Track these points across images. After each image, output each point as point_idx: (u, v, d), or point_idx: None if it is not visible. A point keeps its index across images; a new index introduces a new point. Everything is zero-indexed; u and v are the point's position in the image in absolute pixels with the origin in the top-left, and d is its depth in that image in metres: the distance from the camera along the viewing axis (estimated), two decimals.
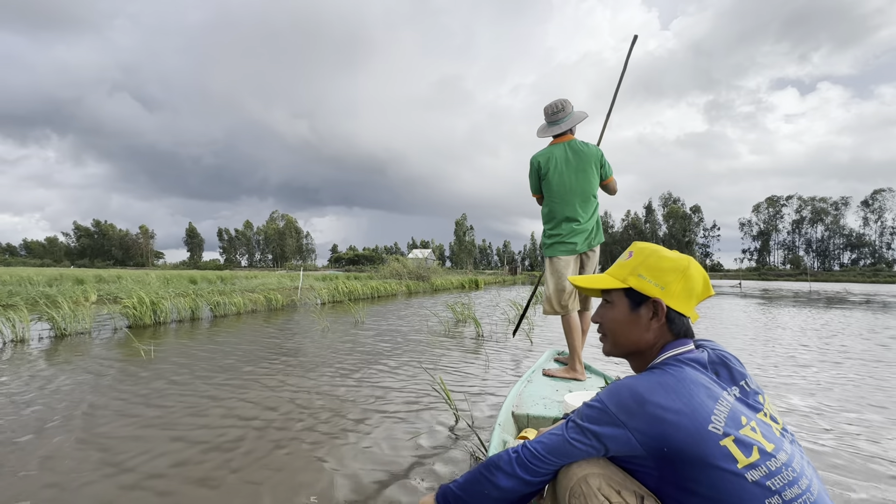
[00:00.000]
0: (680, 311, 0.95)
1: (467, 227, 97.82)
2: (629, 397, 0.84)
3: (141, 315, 5.77)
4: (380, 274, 24.74)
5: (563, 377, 2.53)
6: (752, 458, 0.77)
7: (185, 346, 4.55)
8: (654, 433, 0.80)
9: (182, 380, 3.19)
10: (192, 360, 3.89)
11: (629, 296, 0.99)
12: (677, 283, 0.94)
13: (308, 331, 5.67)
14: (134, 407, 2.59)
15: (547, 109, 2.71)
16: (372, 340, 4.95)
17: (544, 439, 0.91)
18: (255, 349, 4.40)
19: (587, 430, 0.86)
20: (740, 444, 0.78)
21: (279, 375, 3.37)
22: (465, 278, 23.38)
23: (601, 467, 0.87)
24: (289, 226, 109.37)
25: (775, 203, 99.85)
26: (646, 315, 0.96)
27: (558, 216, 2.70)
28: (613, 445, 0.85)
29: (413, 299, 12.28)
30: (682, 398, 0.81)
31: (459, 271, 45.17)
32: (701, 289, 0.95)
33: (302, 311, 8.14)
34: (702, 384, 0.84)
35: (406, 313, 8.20)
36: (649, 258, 0.97)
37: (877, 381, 3.42)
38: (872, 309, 10.79)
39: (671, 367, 0.88)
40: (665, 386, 0.84)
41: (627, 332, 0.99)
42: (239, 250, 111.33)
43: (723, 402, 0.82)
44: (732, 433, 0.79)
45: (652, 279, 0.95)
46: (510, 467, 0.90)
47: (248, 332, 5.58)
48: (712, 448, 0.77)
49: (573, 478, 0.87)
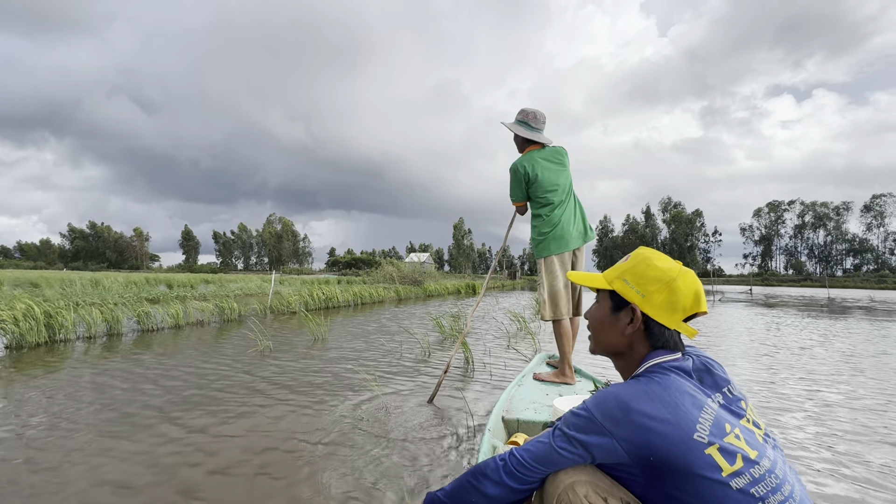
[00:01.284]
0: (661, 321, 0.93)
1: (465, 231, 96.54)
2: (615, 406, 0.84)
3: (23, 333, 4.40)
4: (372, 278, 23.65)
5: (553, 381, 2.54)
6: (735, 465, 0.77)
7: (69, 378, 3.21)
8: (640, 442, 0.80)
9: (36, 435, 1.97)
10: (64, 401, 2.62)
11: (612, 298, 1.00)
12: (659, 293, 0.92)
13: (240, 354, 4.32)
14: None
15: (538, 115, 2.75)
16: (311, 374, 3.60)
17: (531, 447, 0.91)
18: (148, 388, 3.03)
19: (573, 438, 0.86)
20: (724, 453, 0.78)
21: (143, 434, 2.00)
22: (461, 283, 22.01)
23: (588, 475, 0.87)
24: (285, 229, 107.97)
25: (777, 208, 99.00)
26: (624, 319, 0.97)
27: (547, 217, 2.71)
28: (600, 454, 0.85)
29: (402, 307, 10.93)
30: (668, 407, 0.81)
31: (458, 276, 43.90)
32: (690, 303, 0.92)
33: (259, 322, 6.79)
34: (687, 392, 0.84)
35: (386, 326, 6.85)
36: (639, 265, 0.96)
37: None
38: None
39: (657, 376, 0.88)
40: (651, 395, 0.83)
41: (605, 333, 1.01)
42: (234, 253, 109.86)
43: (707, 410, 0.83)
44: (717, 441, 0.79)
45: (635, 285, 0.95)
46: (497, 475, 0.90)
47: (168, 355, 4.21)
48: (697, 457, 0.78)
49: (560, 485, 0.87)
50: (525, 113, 2.76)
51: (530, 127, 2.75)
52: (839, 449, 2.18)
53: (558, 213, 2.70)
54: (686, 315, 0.93)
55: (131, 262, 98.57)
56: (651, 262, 0.95)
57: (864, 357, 4.76)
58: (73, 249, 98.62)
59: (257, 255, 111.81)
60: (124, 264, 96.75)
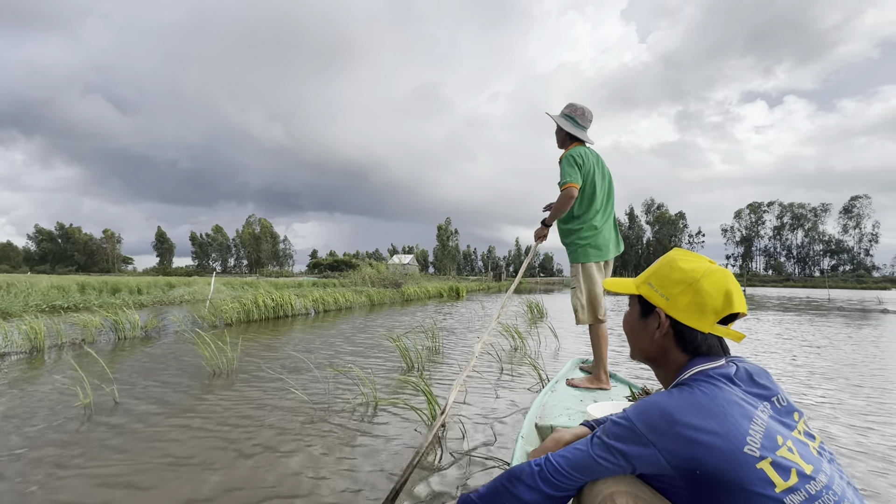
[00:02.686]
0: (691, 325, 0.89)
1: (451, 232, 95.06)
2: (659, 417, 0.80)
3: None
4: (350, 280, 22.17)
5: (587, 387, 2.47)
6: (790, 481, 0.73)
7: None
8: (686, 455, 0.77)
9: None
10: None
11: (640, 303, 0.98)
12: (683, 295, 0.89)
13: (56, 415, 2.69)
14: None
15: (586, 113, 2.70)
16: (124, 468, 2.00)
17: (568, 454, 0.88)
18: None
19: (613, 448, 0.83)
20: (777, 467, 0.73)
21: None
22: (444, 286, 20.47)
23: (628, 485, 0.84)
24: (265, 230, 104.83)
25: (757, 209, 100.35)
26: (652, 324, 0.94)
27: (590, 220, 2.62)
28: (641, 465, 0.81)
29: (373, 315, 9.33)
30: (716, 418, 0.77)
31: (442, 278, 42.40)
32: (720, 305, 0.87)
33: (166, 340, 5.11)
34: (735, 402, 0.80)
35: (337, 346, 5.26)
36: (663, 267, 0.94)
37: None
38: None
39: (702, 385, 0.83)
40: (697, 405, 0.79)
41: (637, 338, 0.99)
42: (212, 256, 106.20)
43: (757, 422, 0.78)
44: (769, 455, 0.74)
45: (659, 288, 0.93)
46: (532, 480, 0.87)
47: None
48: (748, 472, 0.73)
49: (598, 495, 0.84)
50: (573, 108, 2.70)
51: (577, 123, 2.69)
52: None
53: (600, 219, 2.64)
54: (719, 317, 0.88)
55: (102, 265, 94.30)
56: (675, 263, 0.92)
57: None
58: (39, 252, 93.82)
59: (236, 258, 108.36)
60: (94, 267, 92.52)
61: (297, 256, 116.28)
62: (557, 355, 4.78)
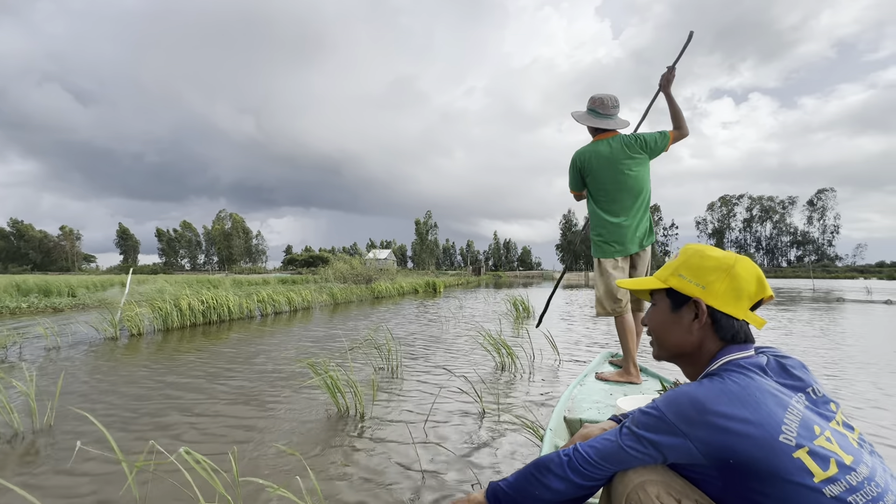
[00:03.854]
0: (726, 312, 0.88)
1: (431, 226, 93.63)
2: (689, 406, 0.79)
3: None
4: (320, 276, 20.71)
5: (617, 381, 2.44)
6: (829, 471, 0.70)
7: None
8: (718, 444, 0.75)
9: None
10: None
11: (670, 296, 0.95)
12: (720, 282, 0.88)
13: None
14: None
15: (606, 101, 2.61)
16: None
17: (597, 444, 0.87)
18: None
19: (643, 437, 0.82)
20: (815, 457, 0.71)
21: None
22: (420, 281, 19.20)
23: (660, 474, 0.82)
24: (236, 226, 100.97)
25: (728, 202, 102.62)
26: (687, 316, 0.92)
27: (604, 215, 2.62)
28: (672, 454, 0.80)
29: (331, 318, 8.01)
30: (748, 407, 0.75)
31: (420, 273, 41.04)
32: (754, 289, 0.87)
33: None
34: (769, 391, 0.78)
35: (261, 370, 3.96)
36: (692, 258, 0.93)
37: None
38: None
39: (733, 374, 0.81)
40: (729, 394, 0.78)
41: (670, 334, 0.96)
42: (180, 252, 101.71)
43: (793, 411, 0.76)
44: (806, 444, 0.72)
45: (692, 278, 0.91)
46: (561, 470, 0.87)
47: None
48: (785, 461, 0.71)
49: (629, 484, 0.83)
50: (593, 100, 2.65)
51: (598, 114, 2.63)
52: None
53: (615, 210, 2.59)
54: (752, 302, 0.88)
55: (60, 264, 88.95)
56: (704, 252, 0.93)
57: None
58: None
59: (206, 254, 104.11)
60: (52, 266, 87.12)
61: (271, 252, 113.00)
62: (557, 374, 3.62)
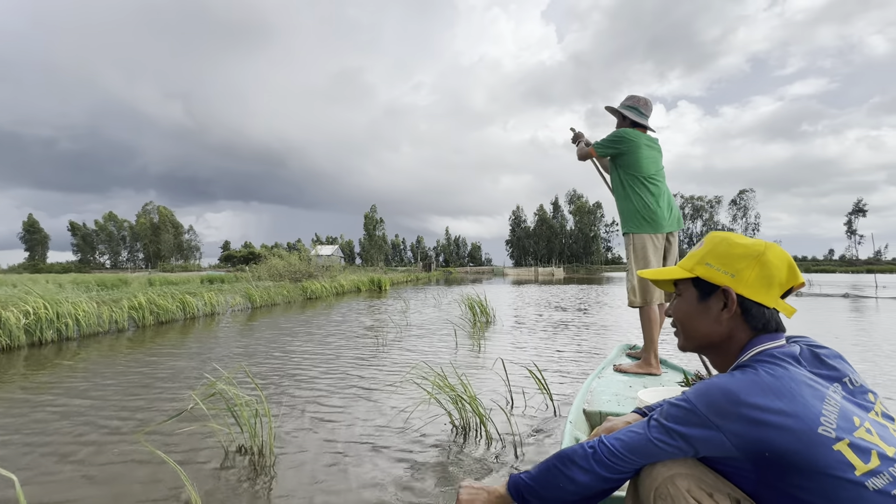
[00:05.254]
0: (757, 300, 0.85)
1: (377, 221, 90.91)
2: (722, 398, 0.76)
3: None
4: (253, 274, 18.47)
5: (636, 372, 2.41)
6: (871, 464, 0.68)
7: None
8: (753, 437, 0.72)
9: None
10: None
11: (697, 286, 0.92)
12: (750, 269, 0.85)
13: None
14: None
15: (648, 103, 2.80)
16: None
17: (623, 437, 0.84)
18: None
19: (673, 430, 0.79)
20: (856, 449, 0.69)
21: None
22: (364, 278, 17.49)
23: (690, 468, 0.80)
24: (164, 219, 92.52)
25: None
26: (716, 305, 0.89)
27: (645, 189, 2.65)
28: (704, 448, 0.77)
29: (240, 330, 6.28)
30: (784, 398, 0.73)
31: (369, 269, 38.99)
32: (785, 276, 0.84)
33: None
34: (804, 382, 0.75)
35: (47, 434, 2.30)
36: (718, 246, 0.90)
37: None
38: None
39: (766, 365, 0.79)
40: (763, 385, 0.75)
41: (697, 324, 0.92)
42: (98, 248, 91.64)
43: (830, 402, 0.73)
44: (846, 436, 0.69)
45: (721, 267, 0.88)
46: (587, 462, 0.84)
47: None
48: (824, 454, 0.68)
49: (658, 478, 0.80)
50: (636, 99, 2.80)
51: (640, 112, 2.78)
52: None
53: (655, 192, 2.65)
54: (783, 290, 0.86)
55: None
56: (732, 240, 0.90)
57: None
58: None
59: (130, 250, 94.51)
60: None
61: (207, 249, 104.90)
62: (555, 433, 2.30)
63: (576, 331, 5.77)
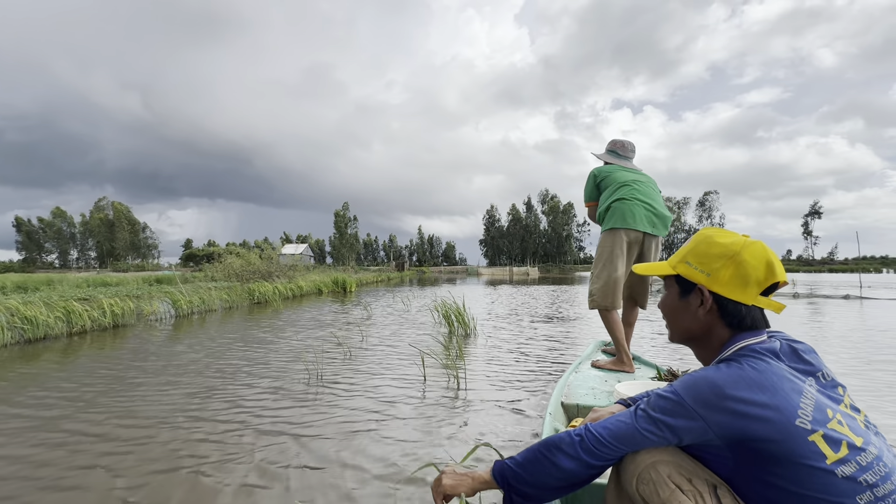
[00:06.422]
0: (734, 298, 0.88)
1: (349, 219, 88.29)
2: (709, 390, 0.80)
3: None
4: (206, 274, 16.84)
5: (612, 369, 2.48)
6: (840, 453, 0.74)
7: None
8: (737, 428, 0.77)
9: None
10: None
11: (679, 283, 0.96)
12: (726, 269, 0.88)
13: None
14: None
15: (626, 145, 2.81)
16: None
17: (610, 425, 0.87)
18: None
19: (660, 421, 0.82)
20: (828, 440, 0.74)
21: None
22: (326, 279, 15.85)
23: (670, 455, 0.84)
24: (119, 216, 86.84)
25: None
26: (694, 302, 0.92)
27: (629, 193, 2.55)
28: (688, 437, 0.82)
29: (135, 351, 4.70)
30: (767, 392, 0.77)
31: (340, 268, 37.05)
32: (762, 275, 0.86)
33: None
34: (784, 377, 0.80)
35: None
36: (700, 245, 0.93)
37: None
38: None
39: (749, 360, 0.83)
40: (747, 380, 0.79)
41: (678, 319, 0.97)
42: (45, 246, 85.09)
43: (807, 395, 0.78)
44: (820, 428, 0.75)
45: (698, 266, 0.91)
46: (573, 450, 0.86)
47: None
48: (800, 445, 0.74)
49: (641, 464, 0.84)
50: (614, 143, 2.82)
51: (618, 155, 2.80)
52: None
53: (627, 194, 2.55)
54: (762, 288, 0.88)
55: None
56: (712, 239, 0.91)
57: None
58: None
59: (80, 249, 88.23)
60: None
61: (170, 248, 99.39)
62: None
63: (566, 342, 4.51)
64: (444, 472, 0.97)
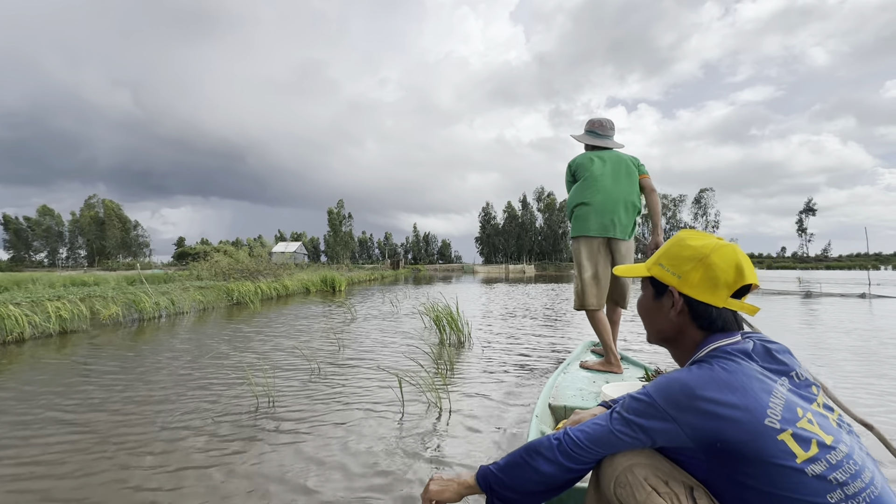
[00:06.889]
0: (705, 301, 0.88)
1: (344, 217, 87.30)
2: (679, 392, 0.80)
3: None
4: (193, 273, 16.15)
5: (600, 370, 2.49)
6: (810, 452, 0.74)
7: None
8: (707, 428, 0.77)
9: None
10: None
11: (653, 284, 0.96)
12: (695, 272, 0.88)
13: None
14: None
15: (604, 122, 2.76)
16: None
17: (587, 428, 0.87)
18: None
19: (633, 423, 0.82)
20: (798, 439, 0.74)
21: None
22: (314, 277, 15.14)
23: (647, 458, 0.83)
24: (110, 214, 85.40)
25: None
26: (667, 304, 0.93)
27: (590, 197, 2.60)
28: (661, 439, 0.81)
29: (77, 368, 3.99)
30: (736, 393, 0.77)
31: (333, 267, 36.27)
32: (732, 278, 0.86)
33: None
34: (755, 377, 0.80)
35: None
36: (673, 247, 0.93)
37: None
38: None
39: (720, 361, 0.83)
40: (717, 380, 0.79)
41: (653, 320, 0.97)
42: (33, 244, 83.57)
43: (777, 395, 0.78)
44: (789, 427, 0.75)
45: (670, 268, 0.92)
46: (551, 454, 0.86)
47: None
48: (769, 444, 0.74)
49: (618, 467, 0.83)
50: (592, 122, 2.78)
51: (597, 135, 2.76)
52: None
53: (590, 199, 2.60)
54: (731, 290, 0.87)
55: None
56: (684, 242, 0.91)
57: None
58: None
59: (70, 247, 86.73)
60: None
61: (163, 246, 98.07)
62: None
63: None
64: (431, 479, 0.97)
